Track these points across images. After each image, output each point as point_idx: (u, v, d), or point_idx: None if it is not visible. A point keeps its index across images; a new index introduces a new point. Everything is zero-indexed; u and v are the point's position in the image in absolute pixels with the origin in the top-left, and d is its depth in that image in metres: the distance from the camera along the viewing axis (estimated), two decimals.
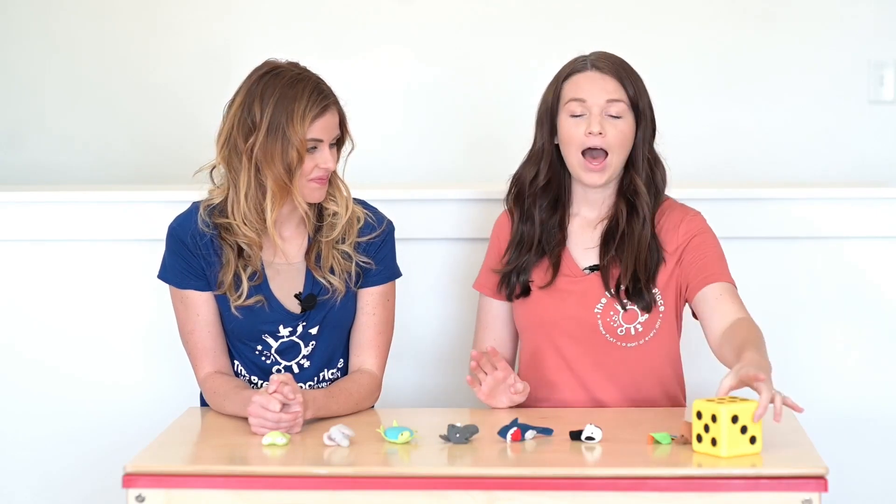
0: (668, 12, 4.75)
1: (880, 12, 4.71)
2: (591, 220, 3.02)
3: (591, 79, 2.95)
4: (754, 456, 2.50)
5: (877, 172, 4.67)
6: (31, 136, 4.90)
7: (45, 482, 3.55)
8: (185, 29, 4.86)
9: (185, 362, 3.02)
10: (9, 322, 3.53)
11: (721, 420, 2.47)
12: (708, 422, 2.49)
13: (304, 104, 2.85)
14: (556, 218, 3.01)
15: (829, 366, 3.49)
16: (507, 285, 3.01)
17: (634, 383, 2.98)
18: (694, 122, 4.71)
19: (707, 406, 2.49)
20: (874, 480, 3.49)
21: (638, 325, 2.96)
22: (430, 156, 4.79)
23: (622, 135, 2.93)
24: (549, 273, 2.98)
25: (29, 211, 3.52)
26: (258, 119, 2.85)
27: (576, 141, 2.93)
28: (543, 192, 3.01)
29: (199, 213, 2.94)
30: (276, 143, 2.85)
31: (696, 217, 3.01)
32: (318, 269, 2.95)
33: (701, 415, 2.50)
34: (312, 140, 2.86)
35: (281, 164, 2.85)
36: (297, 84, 2.87)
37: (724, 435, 2.47)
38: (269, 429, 2.68)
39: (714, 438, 2.48)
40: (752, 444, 2.50)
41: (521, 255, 3.00)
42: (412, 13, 4.80)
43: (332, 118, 2.89)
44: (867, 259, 3.47)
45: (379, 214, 3.02)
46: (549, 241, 3.00)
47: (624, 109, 2.94)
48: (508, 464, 2.55)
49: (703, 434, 2.51)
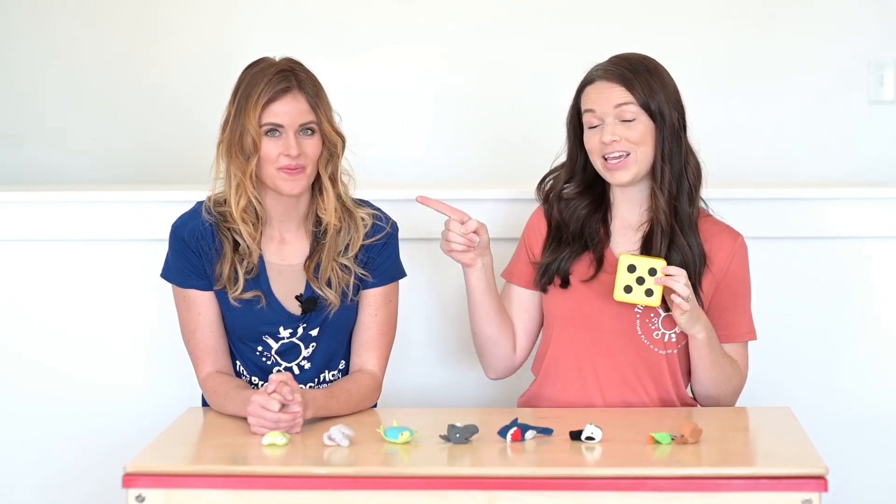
0: (668, 12, 4.75)
1: (880, 12, 4.71)
2: (632, 221, 3.03)
3: (599, 89, 2.98)
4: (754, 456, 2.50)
5: (877, 172, 4.67)
6: (32, 136, 4.90)
7: (46, 482, 3.55)
8: (185, 30, 4.86)
9: (185, 362, 3.02)
10: (9, 322, 3.53)
11: (620, 265, 2.85)
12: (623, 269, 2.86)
13: (260, 88, 2.85)
14: (599, 215, 3.03)
15: (829, 365, 3.49)
16: (546, 275, 3.02)
17: (658, 388, 2.99)
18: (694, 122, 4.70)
19: (626, 257, 2.86)
20: (874, 480, 3.49)
21: (673, 333, 2.98)
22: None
23: (639, 134, 2.95)
24: (593, 267, 3.00)
25: (29, 211, 3.52)
26: (230, 111, 2.88)
27: (595, 150, 2.98)
28: (580, 196, 3.04)
29: (204, 205, 2.95)
30: (236, 132, 2.86)
31: (742, 244, 3.04)
32: (315, 280, 2.94)
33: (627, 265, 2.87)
34: (270, 124, 2.86)
35: (240, 152, 2.86)
36: (265, 71, 2.88)
37: (618, 278, 2.85)
38: (268, 429, 2.68)
39: (627, 286, 2.85)
40: (648, 297, 2.84)
41: (562, 247, 3.02)
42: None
43: (295, 103, 2.87)
44: (867, 259, 3.46)
45: (384, 216, 3.01)
46: (591, 237, 3.02)
47: (636, 111, 2.96)
48: (508, 464, 2.55)
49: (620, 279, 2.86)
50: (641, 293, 2.85)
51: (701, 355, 2.95)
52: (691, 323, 2.89)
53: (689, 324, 2.89)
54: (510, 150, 4.72)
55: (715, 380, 2.99)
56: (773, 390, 3.46)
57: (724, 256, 3.02)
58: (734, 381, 3.02)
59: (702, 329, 2.91)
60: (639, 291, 2.85)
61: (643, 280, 2.84)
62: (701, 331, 2.91)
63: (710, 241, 3.02)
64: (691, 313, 2.86)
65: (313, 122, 2.90)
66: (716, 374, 2.98)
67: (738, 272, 3.03)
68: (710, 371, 2.97)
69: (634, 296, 2.85)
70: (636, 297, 2.85)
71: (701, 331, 2.91)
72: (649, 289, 2.84)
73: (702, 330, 2.91)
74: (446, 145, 4.81)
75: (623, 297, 2.86)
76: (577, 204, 3.04)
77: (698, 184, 3.02)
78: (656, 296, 2.85)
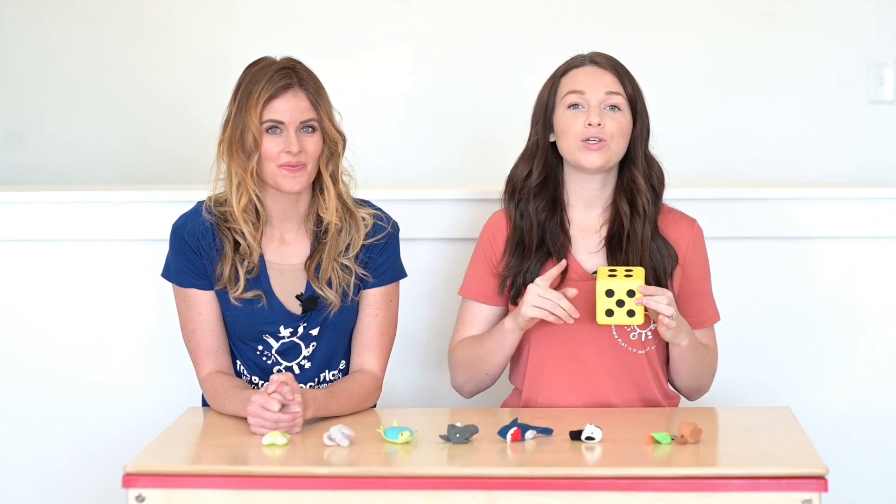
0: (668, 12, 4.75)
1: (881, 12, 4.71)
2: (591, 224, 3.01)
3: (590, 73, 2.97)
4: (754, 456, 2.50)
5: (877, 172, 4.67)
6: (32, 137, 4.90)
7: (45, 482, 3.55)
8: (185, 30, 4.86)
9: (185, 362, 3.02)
10: (9, 322, 3.53)
11: (598, 290, 2.81)
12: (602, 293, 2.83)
13: (261, 86, 2.86)
14: (556, 220, 3.00)
15: (829, 366, 3.49)
16: (513, 288, 3.01)
17: (640, 388, 2.98)
18: (694, 121, 4.71)
19: (602, 280, 2.82)
20: (874, 480, 3.49)
21: (649, 331, 2.96)
22: (426, 157, 4.80)
23: (621, 125, 2.94)
24: (557, 277, 2.98)
25: (29, 211, 3.52)
26: (231, 109, 2.88)
27: (573, 131, 2.94)
28: (539, 191, 3.00)
29: (205, 205, 2.95)
30: (237, 130, 2.86)
31: (699, 229, 3.03)
32: (315, 280, 2.94)
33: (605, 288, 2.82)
34: (271, 121, 2.86)
35: (241, 149, 2.86)
36: (266, 69, 2.88)
37: (598, 303, 2.81)
38: (268, 429, 2.68)
39: (609, 309, 2.81)
40: (630, 317, 2.81)
41: (525, 258, 2.99)
42: (410, 16, 4.80)
43: (296, 100, 2.88)
44: (866, 259, 3.46)
45: (385, 216, 3.01)
46: (553, 244, 2.99)
47: (622, 103, 2.95)
48: (508, 464, 2.55)
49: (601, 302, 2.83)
50: (623, 315, 2.82)
51: (684, 358, 2.95)
52: (675, 333, 2.88)
53: (674, 335, 2.88)
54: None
55: (698, 374, 2.99)
56: (771, 391, 3.46)
57: (685, 244, 3.01)
58: (712, 368, 3.03)
59: (685, 336, 2.91)
60: (620, 314, 2.82)
61: (623, 302, 2.82)
62: (685, 338, 2.91)
63: (669, 229, 3.01)
64: (676, 326, 2.86)
65: (314, 120, 2.90)
66: (698, 370, 2.98)
67: (699, 258, 3.03)
68: (692, 369, 2.97)
69: (617, 318, 2.82)
70: (619, 320, 2.83)
71: (685, 338, 2.91)
72: (630, 310, 2.82)
73: (685, 337, 2.91)
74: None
75: (606, 321, 2.83)
76: (537, 205, 3.00)
77: (661, 188, 3.01)
78: (639, 315, 2.82)
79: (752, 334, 3.45)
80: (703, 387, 3.04)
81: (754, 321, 3.46)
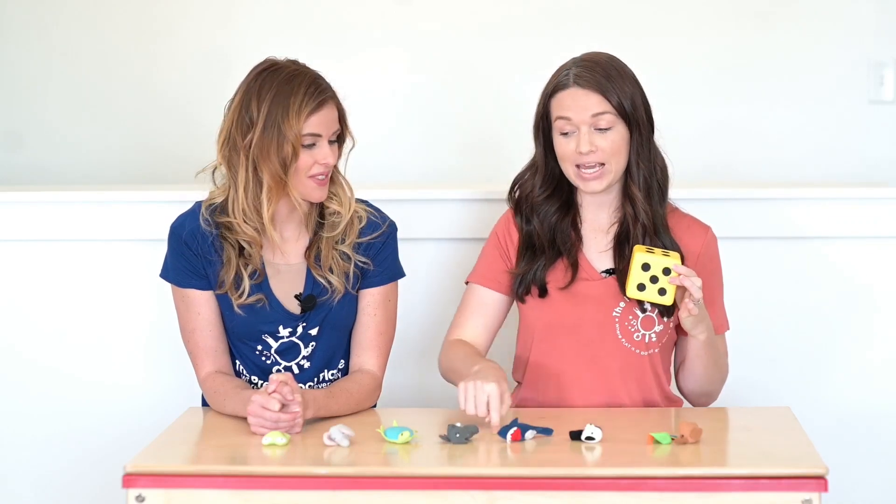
0: (668, 13, 4.75)
1: (881, 12, 4.71)
2: (601, 224, 3.02)
3: (574, 96, 2.93)
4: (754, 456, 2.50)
5: (877, 172, 4.67)
6: (32, 137, 4.90)
7: (46, 482, 3.55)
8: (185, 31, 4.86)
9: (185, 362, 3.02)
10: (9, 322, 3.53)
11: (634, 262, 2.81)
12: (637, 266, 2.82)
13: (300, 99, 2.85)
14: (568, 220, 3.01)
15: (829, 366, 3.49)
16: (523, 285, 3.01)
17: (642, 389, 2.98)
18: (694, 122, 4.71)
19: (641, 254, 2.82)
20: (874, 480, 3.49)
21: (653, 333, 2.97)
22: (426, 157, 4.80)
23: (614, 144, 2.92)
24: (568, 275, 2.97)
25: (29, 211, 3.52)
26: (255, 116, 2.86)
27: (569, 157, 2.94)
28: (546, 200, 3.01)
29: (202, 212, 2.95)
30: (272, 139, 2.85)
31: (713, 237, 3.03)
32: (317, 268, 2.95)
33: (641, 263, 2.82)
34: (310, 135, 2.86)
35: (277, 159, 2.85)
36: (294, 79, 2.87)
37: (631, 276, 2.81)
38: (268, 429, 2.68)
39: (641, 283, 2.81)
40: (661, 295, 2.81)
41: (537, 257, 3.00)
42: (410, 16, 4.80)
43: (330, 113, 2.89)
44: (866, 259, 3.46)
45: (381, 215, 3.02)
46: (564, 243, 3.00)
47: (612, 120, 2.92)
48: (508, 464, 2.55)
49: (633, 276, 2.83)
50: (654, 292, 2.82)
51: (700, 354, 2.95)
52: (696, 323, 2.88)
53: (694, 324, 2.88)
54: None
55: (711, 376, 2.99)
56: (771, 391, 3.46)
57: (697, 251, 3.01)
58: (725, 374, 3.03)
59: (704, 330, 2.90)
60: (652, 290, 2.82)
61: (657, 279, 2.82)
62: (703, 331, 2.91)
63: (682, 235, 3.00)
64: (698, 315, 2.86)
65: (340, 131, 2.92)
66: (713, 371, 2.98)
67: (711, 265, 3.02)
68: (707, 368, 2.97)
69: (647, 294, 2.82)
70: (649, 296, 2.83)
71: (703, 331, 2.91)
72: (662, 288, 2.81)
73: (704, 330, 2.91)
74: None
75: (636, 295, 2.83)
76: (547, 209, 3.00)
77: (666, 183, 3.00)
78: (669, 295, 2.81)
79: (753, 334, 3.45)
80: (713, 392, 3.03)
81: (754, 321, 3.45)
